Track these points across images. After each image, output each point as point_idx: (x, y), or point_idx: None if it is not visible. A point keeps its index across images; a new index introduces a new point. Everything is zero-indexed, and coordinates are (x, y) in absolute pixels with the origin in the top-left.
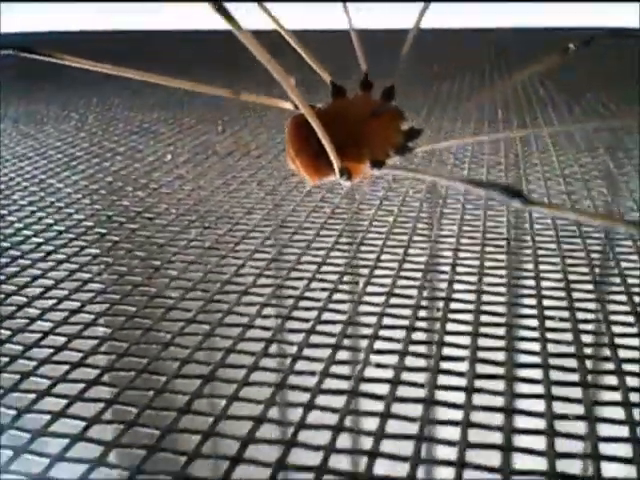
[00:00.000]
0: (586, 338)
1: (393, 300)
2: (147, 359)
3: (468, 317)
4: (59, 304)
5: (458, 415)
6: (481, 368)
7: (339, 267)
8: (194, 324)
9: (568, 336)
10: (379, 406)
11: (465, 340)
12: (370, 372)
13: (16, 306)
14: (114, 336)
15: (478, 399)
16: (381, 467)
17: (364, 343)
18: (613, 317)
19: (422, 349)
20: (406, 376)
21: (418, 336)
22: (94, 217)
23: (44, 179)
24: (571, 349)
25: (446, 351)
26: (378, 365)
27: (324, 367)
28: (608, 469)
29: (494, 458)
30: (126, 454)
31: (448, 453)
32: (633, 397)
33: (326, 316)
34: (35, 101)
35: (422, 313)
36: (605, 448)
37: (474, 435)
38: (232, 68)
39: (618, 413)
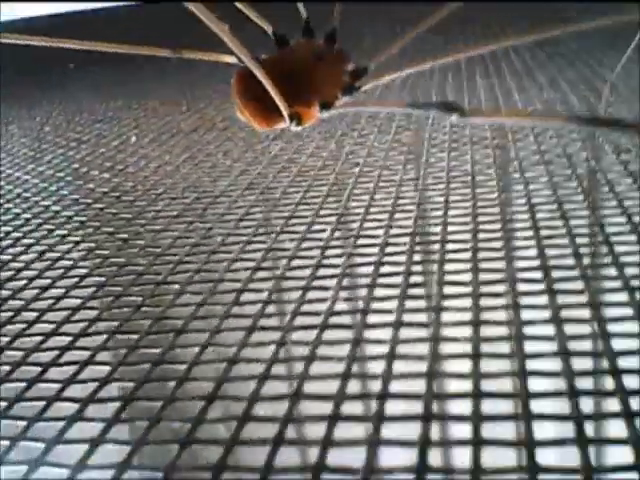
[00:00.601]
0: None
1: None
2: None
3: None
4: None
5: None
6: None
7: (306, 219)
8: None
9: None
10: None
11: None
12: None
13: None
14: (103, 316)
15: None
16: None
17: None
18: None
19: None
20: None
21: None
22: (60, 202)
23: (11, 173)
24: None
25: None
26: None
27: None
28: None
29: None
30: (153, 451)
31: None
32: None
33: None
34: None
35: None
36: None
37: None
38: (173, 32)
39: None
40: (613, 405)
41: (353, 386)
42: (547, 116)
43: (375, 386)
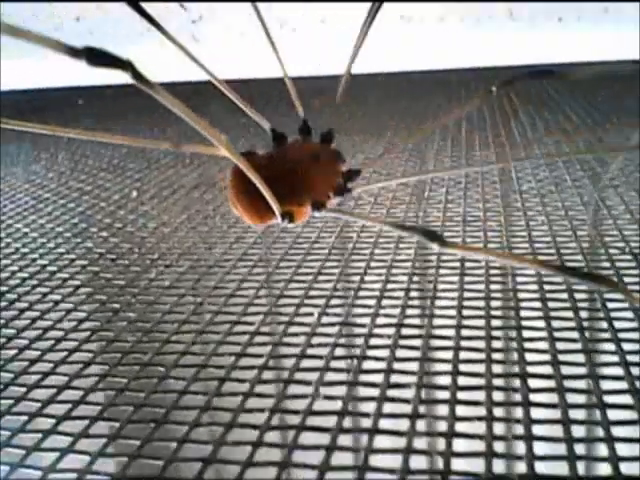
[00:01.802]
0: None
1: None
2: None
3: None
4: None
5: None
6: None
7: (296, 299)
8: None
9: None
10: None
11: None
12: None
13: None
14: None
15: None
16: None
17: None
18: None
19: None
20: None
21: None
22: (57, 262)
23: (11, 224)
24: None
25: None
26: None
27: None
28: None
29: None
30: None
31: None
32: None
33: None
34: (6, 140)
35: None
36: None
37: None
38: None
39: None
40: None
41: (341, 457)
42: (525, 259)
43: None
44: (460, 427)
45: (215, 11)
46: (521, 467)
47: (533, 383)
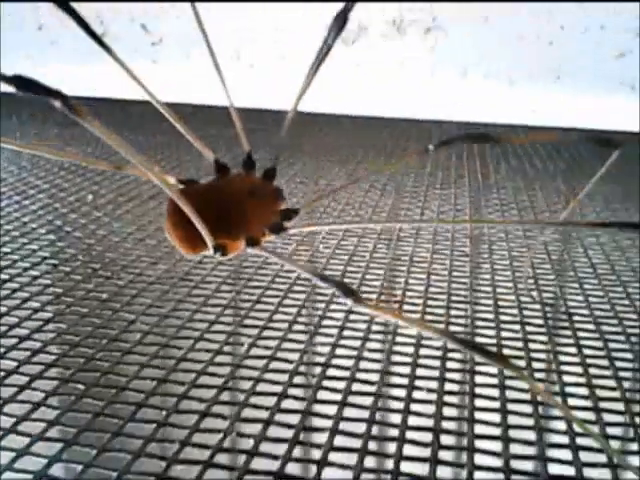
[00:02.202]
0: None
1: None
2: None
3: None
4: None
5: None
6: None
7: (228, 326)
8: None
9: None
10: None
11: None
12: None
13: None
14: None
15: None
16: None
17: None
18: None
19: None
20: None
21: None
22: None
23: None
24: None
25: None
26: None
27: None
28: None
29: None
30: None
31: None
32: None
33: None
34: None
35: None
36: None
37: None
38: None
39: None
40: None
41: None
42: (433, 329)
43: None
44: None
45: (175, 35)
46: None
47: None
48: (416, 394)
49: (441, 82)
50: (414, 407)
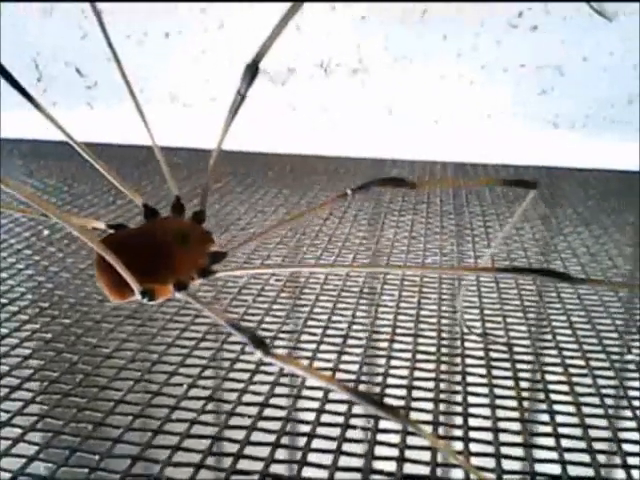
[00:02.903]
0: None
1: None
2: None
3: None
4: None
5: None
6: None
7: (203, 360)
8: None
9: None
10: None
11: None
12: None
13: None
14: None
15: None
16: None
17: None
18: None
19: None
20: None
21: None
22: None
23: None
24: None
25: None
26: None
27: None
28: None
29: None
30: None
31: None
32: None
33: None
34: None
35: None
36: None
37: None
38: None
39: None
40: None
41: None
42: (338, 383)
43: None
44: None
45: (109, 79)
46: None
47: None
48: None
49: (369, 120)
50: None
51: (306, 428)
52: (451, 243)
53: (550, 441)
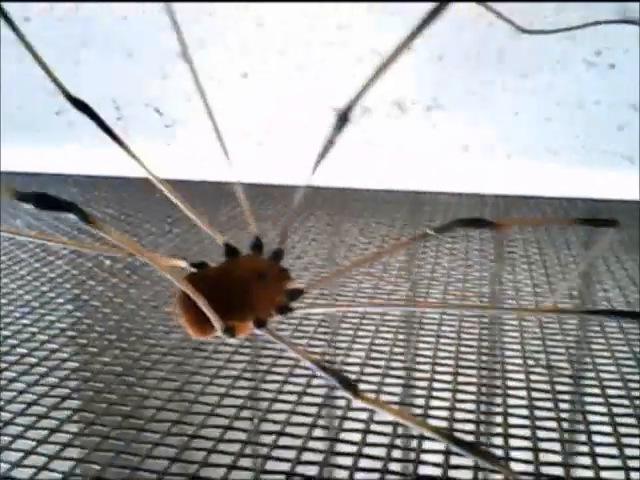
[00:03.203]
0: None
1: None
2: None
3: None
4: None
5: None
6: None
7: (239, 399)
8: None
9: None
10: None
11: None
12: None
13: None
14: None
15: None
16: None
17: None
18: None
19: None
20: None
21: None
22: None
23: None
24: None
25: None
26: None
27: None
28: None
29: None
30: None
31: None
32: None
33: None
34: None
35: None
36: None
37: None
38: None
39: None
40: None
41: None
42: (434, 429)
43: None
44: None
45: (187, 118)
46: None
47: None
48: None
49: (443, 155)
50: None
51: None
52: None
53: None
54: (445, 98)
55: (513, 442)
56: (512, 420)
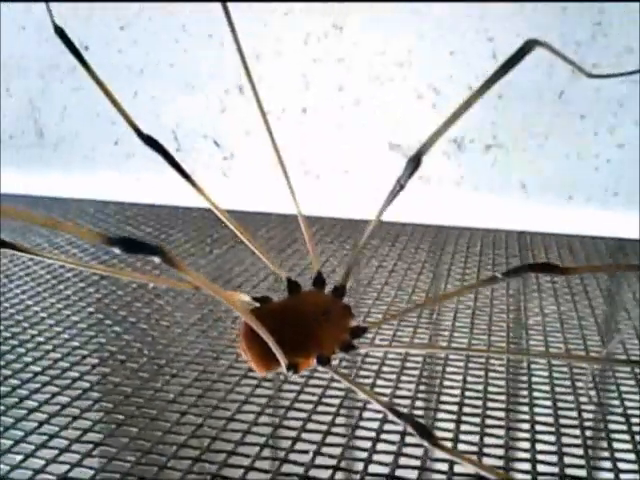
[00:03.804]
0: None
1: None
2: None
3: None
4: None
5: None
6: None
7: (294, 431)
8: None
9: None
10: None
11: None
12: None
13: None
14: None
15: None
16: None
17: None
18: None
19: None
20: None
21: None
22: (69, 356)
23: (30, 305)
24: None
25: None
26: None
27: None
28: None
29: None
30: None
31: None
32: None
33: None
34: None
35: None
36: None
37: None
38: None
39: None
40: None
41: None
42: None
43: None
44: None
45: (245, 151)
46: None
47: None
48: None
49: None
50: None
51: None
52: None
53: None
54: (504, 137)
55: None
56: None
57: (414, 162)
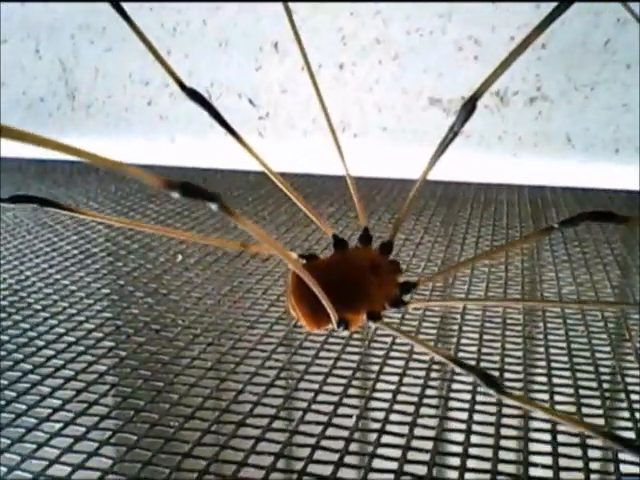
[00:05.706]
0: None
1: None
2: None
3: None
4: (65, 428)
5: None
6: None
7: (335, 397)
8: (191, 459)
9: None
10: None
11: None
12: None
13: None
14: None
15: None
16: None
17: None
18: None
19: None
20: None
21: None
22: (103, 327)
23: (58, 279)
24: None
25: None
26: None
27: None
28: None
29: None
30: None
31: None
32: None
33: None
34: (56, 185)
35: None
36: None
37: None
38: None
39: None
40: None
41: None
42: (594, 429)
43: None
44: None
45: (281, 110)
46: None
47: None
48: None
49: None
50: None
51: None
52: None
53: None
54: (549, 88)
55: None
56: None
57: (468, 107)
